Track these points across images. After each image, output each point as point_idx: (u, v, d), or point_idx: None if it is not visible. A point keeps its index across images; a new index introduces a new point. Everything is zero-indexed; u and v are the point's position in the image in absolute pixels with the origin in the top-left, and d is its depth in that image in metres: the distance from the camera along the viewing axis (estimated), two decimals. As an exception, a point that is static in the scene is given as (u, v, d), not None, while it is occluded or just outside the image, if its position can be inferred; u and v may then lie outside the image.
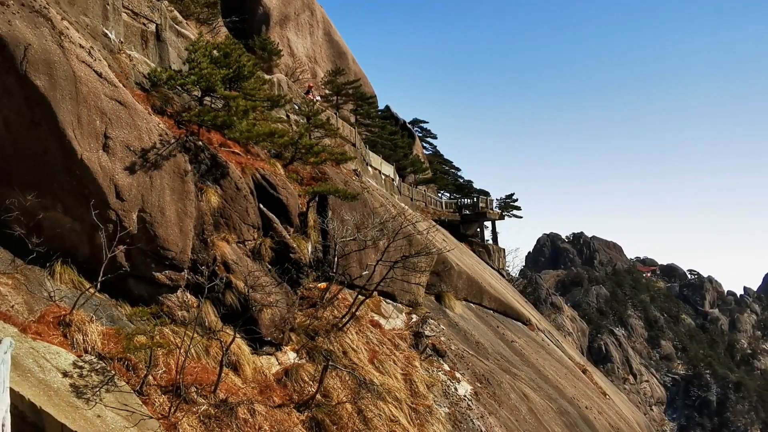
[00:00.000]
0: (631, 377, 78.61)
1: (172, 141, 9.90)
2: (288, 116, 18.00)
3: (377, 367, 11.89)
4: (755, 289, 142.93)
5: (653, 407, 77.46)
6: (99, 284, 8.34)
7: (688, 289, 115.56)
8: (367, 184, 20.59)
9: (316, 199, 14.33)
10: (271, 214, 11.85)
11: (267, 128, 12.51)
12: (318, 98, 25.75)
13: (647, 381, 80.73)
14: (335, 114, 25.98)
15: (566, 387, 18.87)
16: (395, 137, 38.76)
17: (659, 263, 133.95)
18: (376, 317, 14.36)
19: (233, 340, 9.16)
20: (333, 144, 19.28)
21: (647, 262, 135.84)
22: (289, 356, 10.94)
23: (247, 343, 10.08)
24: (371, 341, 12.75)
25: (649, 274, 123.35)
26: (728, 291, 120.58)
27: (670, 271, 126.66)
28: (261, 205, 11.72)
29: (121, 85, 9.60)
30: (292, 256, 11.63)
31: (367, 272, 13.83)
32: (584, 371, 23.91)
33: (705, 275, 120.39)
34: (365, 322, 13.32)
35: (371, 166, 28.78)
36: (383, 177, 30.32)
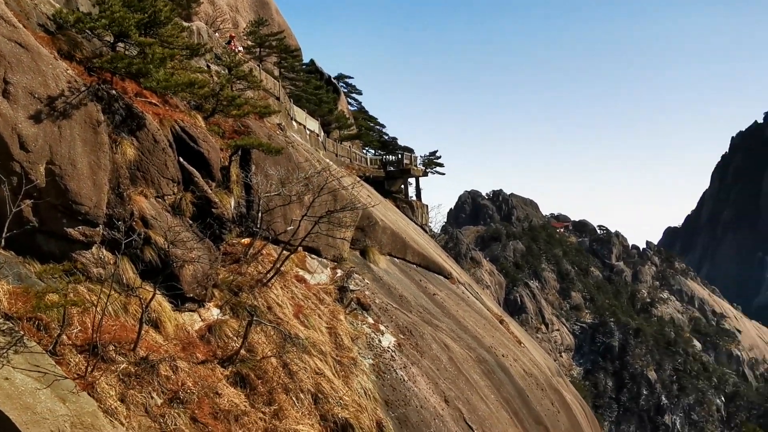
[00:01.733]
0: (543, 326, 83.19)
1: (83, 89, 9.28)
2: (209, 66, 17.25)
3: (302, 321, 11.95)
4: (656, 243, 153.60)
5: (563, 354, 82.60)
6: (3, 240, 7.83)
7: (598, 244, 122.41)
8: (292, 138, 20.23)
9: (239, 153, 13.95)
10: (191, 168, 11.46)
11: (186, 78, 11.95)
12: (240, 49, 24.79)
13: (558, 330, 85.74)
14: (258, 66, 25.13)
15: (485, 337, 19.70)
16: (320, 92, 38.08)
17: (572, 219, 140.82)
18: (301, 272, 14.36)
19: (153, 296, 8.91)
20: (256, 97, 18.72)
21: (561, 218, 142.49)
22: (213, 312, 10.79)
23: (168, 299, 9.84)
24: (296, 296, 12.77)
25: (562, 230, 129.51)
26: (632, 245, 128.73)
27: (582, 227, 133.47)
28: (181, 159, 11.29)
29: (21, 25, 8.84)
30: (214, 211, 11.34)
31: (291, 227, 13.72)
32: (501, 321, 25.01)
33: (613, 230, 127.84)
34: (290, 278, 13.29)
35: (296, 120, 28.24)
36: (308, 132, 29.86)
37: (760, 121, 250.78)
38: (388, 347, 13.45)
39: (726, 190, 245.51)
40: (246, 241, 13.03)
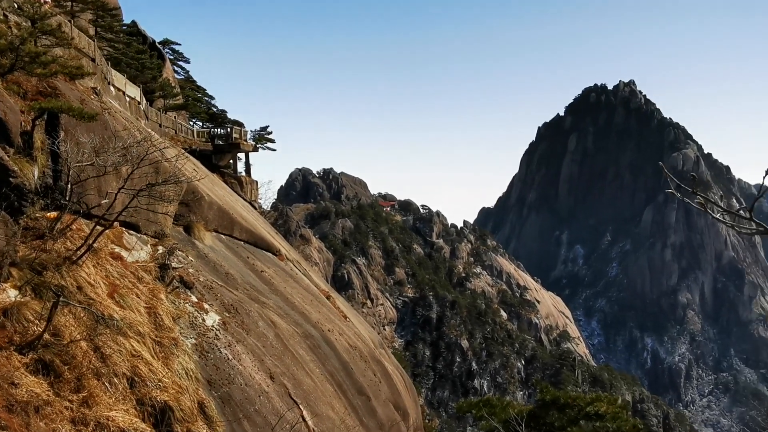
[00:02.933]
0: (369, 301, 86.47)
1: None
2: (6, 16, 15.19)
3: (118, 301, 11.19)
4: (472, 222, 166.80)
5: (386, 327, 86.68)
6: None
7: (421, 222, 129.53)
8: (109, 104, 18.60)
9: (45, 117, 12.53)
10: (-17, 131, 10.08)
11: (-23, 27, 10.41)
12: (47, 0, 22.11)
13: (382, 304, 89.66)
14: (70, 22, 22.61)
15: (311, 312, 20.01)
16: (143, 57, 35.37)
17: (398, 198, 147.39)
18: (118, 249, 13.40)
19: (-67, 277, 7.77)
20: (67, 56, 16.89)
21: (388, 198, 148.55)
22: (10, 294, 9.67)
23: (-48, 280, 8.64)
24: (111, 275, 11.91)
25: (388, 209, 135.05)
26: (452, 224, 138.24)
27: (407, 206, 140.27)
28: (-30, 120, 9.88)
29: None
30: (12, 180, 10.12)
31: (107, 201, 12.70)
32: (328, 297, 25.55)
33: (434, 210, 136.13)
34: (105, 255, 12.35)
35: (114, 86, 25.98)
36: (128, 99, 27.64)
37: (562, 113, 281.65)
38: (213, 326, 13.12)
39: (531, 175, 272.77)
40: (52, 214, 11.81)
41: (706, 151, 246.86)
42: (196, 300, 13.85)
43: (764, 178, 3.52)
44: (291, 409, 13.12)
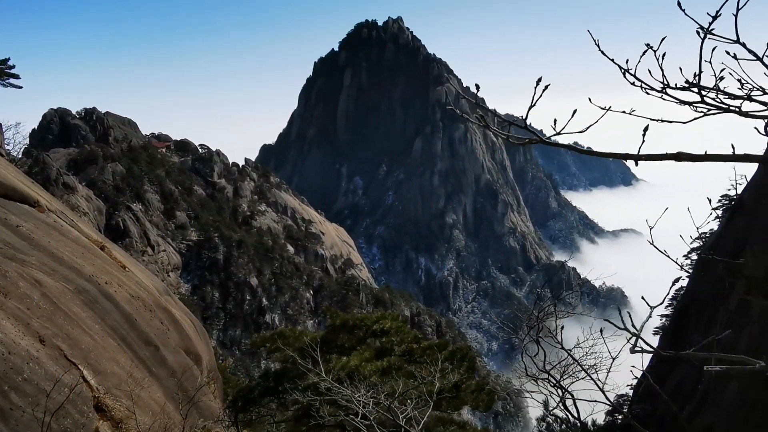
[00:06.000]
0: (149, 249, 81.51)
1: None
2: None
3: None
4: (254, 160, 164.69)
5: (170, 273, 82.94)
6: None
7: (200, 163, 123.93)
8: None
9: None
10: None
11: None
12: None
13: (164, 250, 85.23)
14: None
15: (84, 266, 18.32)
16: None
17: (174, 139, 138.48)
18: None
19: None
20: None
21: (162, 138, 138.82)
22: None
23: None
24: None
25: (164, 150, 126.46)
26: (233, 162, 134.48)
27: (184, 146, 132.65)
28: None
29: None
30: None
31: None
32: (102, 248, 23.54)
33: (214, 149, 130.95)
34: None
35: None
36: None
37: (336, 49, 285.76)
38: (-40, 293, 11.36)
39: (311, 110, 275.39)
40: None
41: (465, 85, 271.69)
42: (-66, 265, 11.80)
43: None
44: (68, 371, 12.10)
